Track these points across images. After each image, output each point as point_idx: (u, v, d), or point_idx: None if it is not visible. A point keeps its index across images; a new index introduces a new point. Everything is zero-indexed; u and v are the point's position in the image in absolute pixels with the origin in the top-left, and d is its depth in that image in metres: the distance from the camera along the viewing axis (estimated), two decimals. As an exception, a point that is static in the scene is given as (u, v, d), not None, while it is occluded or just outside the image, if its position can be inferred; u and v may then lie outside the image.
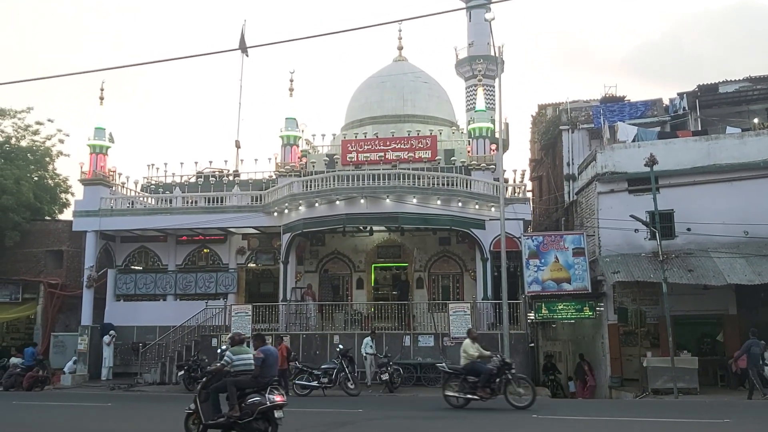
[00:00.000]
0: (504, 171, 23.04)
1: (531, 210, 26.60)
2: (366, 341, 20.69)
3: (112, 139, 27.36)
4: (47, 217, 30.49)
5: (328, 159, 27.72)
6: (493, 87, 35.06)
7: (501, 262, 20.82)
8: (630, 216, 20.23)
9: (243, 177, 28.77)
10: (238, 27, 39.61)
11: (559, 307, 21.88)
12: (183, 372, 21.12)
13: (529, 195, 28.65)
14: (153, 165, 29.60)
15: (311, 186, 23.80)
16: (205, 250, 27.28)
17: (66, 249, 28.02)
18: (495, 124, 26.00)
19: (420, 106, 29.75)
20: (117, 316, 26.47)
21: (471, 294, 24.80)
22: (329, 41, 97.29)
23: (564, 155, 28.05)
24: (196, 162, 29.77)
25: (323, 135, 29.64)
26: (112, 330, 25.28)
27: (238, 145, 31.27)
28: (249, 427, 9.76)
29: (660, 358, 19.51)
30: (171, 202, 26.45)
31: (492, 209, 23.54)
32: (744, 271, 19.21)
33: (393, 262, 27.03)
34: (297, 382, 18.99)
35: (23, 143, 31.11)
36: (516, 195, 25.15)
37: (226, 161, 30.25)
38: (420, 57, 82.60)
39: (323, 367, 19.21)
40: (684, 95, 26.35)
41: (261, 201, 25.53)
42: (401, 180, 23.40)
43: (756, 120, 25.14)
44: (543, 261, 22.10)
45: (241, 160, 30.62)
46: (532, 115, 35.05)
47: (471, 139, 25.98)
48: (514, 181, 25.95)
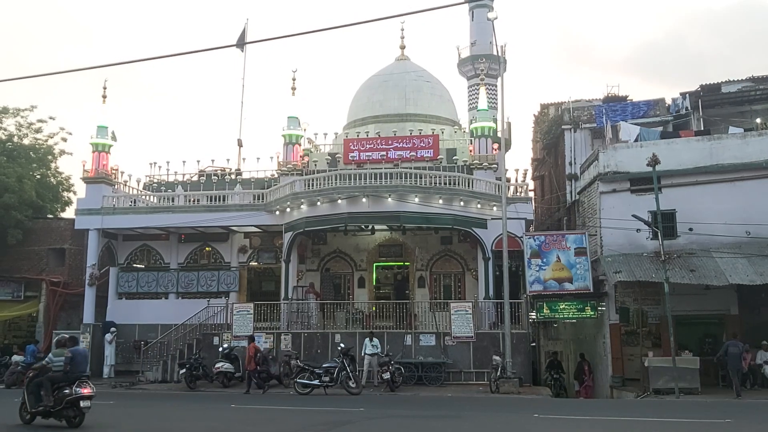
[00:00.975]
0: (506, 170, 23.04)
1: (533, 209, 26.62)
2: (366, 342, 20.70)
3: (114, 138, 27.38)
4: (49, 216, 30.51)
5: (330, 158, 27.75)
6: (496, 86, 35.07)
7: (503, 261, 20.84)
8: (632, 216, 20.23)
9: (245, 175, 28.80)
10: (241, 27, 39.57)
11: (561, 307, 21.89)
12: (184, 370, 21.17)
13: (531, 194, 28.66)
14: (155, 163, 29.67)
15: (313, 185, 23.81)
16: (207, 248, 27.31)
17: (68, 247, 28.06)
18: (497, 123, 25.99)
19: (422, 105, 29.77)
20: (119, 314, 26.51)
21: (472, 293, 24.81)
22: (331, 40, 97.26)
23: (566, 155, 28.01)
24: (198, 160, 29.91)
25: (325, 134, 29.74)
26: (113, 328, 25.33)
27: (240, 144, 31.36)
28: (60, 414, 11.94)
29: (661, 358, 19.52)
30: (173, 200, 26.49)
31: (494, 208, 23.55)
32: (746, 272, 19.20)
33: (395, 261, 27.04)
34: (298, 380, 19.02)
35: (26, 141, 31.14)
36: (518, 194, 25.16)
37: (228, 160, 30.32)
38: (422, 56, 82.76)
39: (324, 366, 19.20)
40: (686, 95, 26.29)
41: (263, 200, 25.56)
42: (403, 179, 23.41)
43: (759, 120, 25.09)
44: (545, 260, 22.09)
45: (244, 158, 30.78)
46: (534, 115, 35.04)
47: (473, 139, 25.97)
48: (516, 181, 25.96)
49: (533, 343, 23.68)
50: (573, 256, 21.89)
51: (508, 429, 12.81)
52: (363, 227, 25.54)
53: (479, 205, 23.72)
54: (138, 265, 27.64)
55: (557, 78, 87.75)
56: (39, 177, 30.70)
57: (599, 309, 21.76)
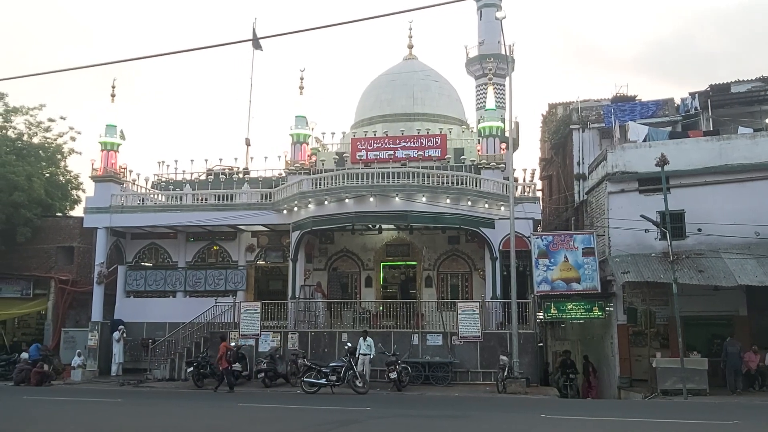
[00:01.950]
0: (514, 170, 23.00)
1: (541, 209, 26.54)
2: (360, 342, 20.49)
3: (123, 137, 27.50)
4: (58, 214, 30.65)
5: (337, 157, 27.77)
6: (504, 86, 34.96)
7: (510, 261, 20.78)
8: (640, 216, 20.17)
9: (253, 175, 28.89)
10: (249, 26, 39.68)
11: (569, 307, 21.84)
12: (192, 368, 21.24)
13: (539, 194, 28.56)
14: (163, 162, 29.80)
15: (321, 184, 23.84)
16: (215, 247, 27.38)
17: (77, 245, 28.20)
18: (505, 122, 25.94)
19: (430, 104, 29.75)
20: (127, 312, 26.64)
21: (480, 293, 24.79)
22: (339, 40, 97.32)
23: (574, 154, 27.97)
24: (206, 159, 30.01)
25: (333, 133, 29.78)
26: (121, 326, 25.46)
27: (248, 143, 31.38)
28: None
29: (669, 358, 19.45)
30: (181, 199, 26.57)
31: (501, 208, 23.51)
32: (755, 272, 19.10)
33: (402, 260, 27.05)
34: (305, 379, 19.05)
35: (35, 140, 31.30)
36: (526, 194, 25.09)
37: (236, 159, 30.48)
38: (430, 55, 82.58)
39: (331, 365, 19.24)
40: (695, 95, 26.20)
41: (271, 199, 25.61)
42: (411, 178, 23.40)
43: (768, 120, 25.00)
44: (552, 260, 22.05)
45: (251, 157, 30.78)
46: (542, 114, 35.01)
47: (481, 138, 25.94)
48: (524, 180, 25.89)
49: (540, 344, 23.62)
50: (581, 256, 21.84)
51: (515, 429, 12.79)
52: (370, 226, 25.55)
53: (487, 205, 23.69)
54: (146, 264, 27.74)
55: (565, 77, 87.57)
56: (48, 175, 30.88)
57: (607, 309, 21.70)
